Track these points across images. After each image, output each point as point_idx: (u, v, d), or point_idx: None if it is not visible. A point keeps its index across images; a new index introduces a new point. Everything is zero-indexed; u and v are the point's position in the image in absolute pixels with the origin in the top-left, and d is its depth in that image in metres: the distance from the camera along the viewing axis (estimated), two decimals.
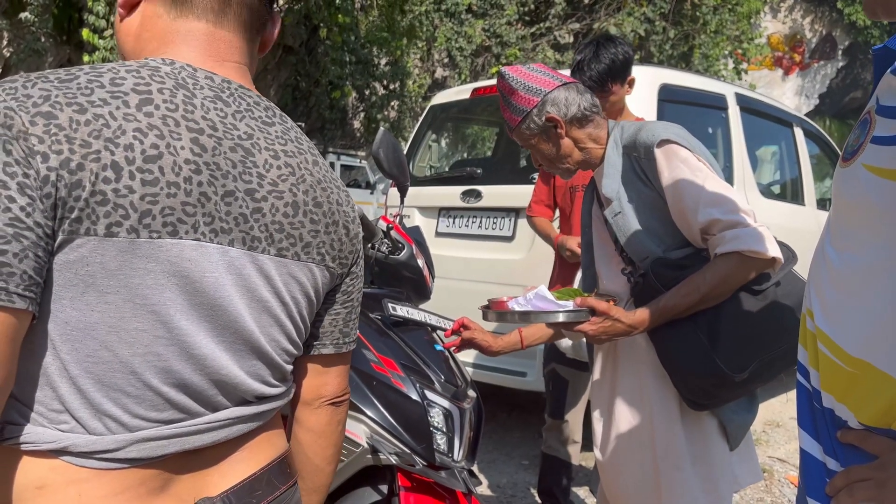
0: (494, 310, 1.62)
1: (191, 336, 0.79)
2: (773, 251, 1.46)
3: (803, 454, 0.87)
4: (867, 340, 0.77)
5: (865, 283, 0.77)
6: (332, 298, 0.99)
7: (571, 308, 1.54)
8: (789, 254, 1.61)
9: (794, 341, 1.51)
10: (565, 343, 2.49)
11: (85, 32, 6.59)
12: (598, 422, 1.78)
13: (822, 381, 0.83)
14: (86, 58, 6.83)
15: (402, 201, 2.15)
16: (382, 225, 2.04)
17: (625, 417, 1.68)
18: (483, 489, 3.19)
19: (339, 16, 8.66)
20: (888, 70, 0.74)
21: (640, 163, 1.60)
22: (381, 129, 2.02)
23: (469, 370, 3.14)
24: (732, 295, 1.51)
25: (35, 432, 0.73)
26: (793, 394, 0.91)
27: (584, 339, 2.37)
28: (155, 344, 0.76)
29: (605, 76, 2.34)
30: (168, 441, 0.79)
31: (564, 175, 1.75)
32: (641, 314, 1.52)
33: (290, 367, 0.95)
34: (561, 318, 1.55)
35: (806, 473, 0.87)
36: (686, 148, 1.55)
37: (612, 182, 1.64)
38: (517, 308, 1.58)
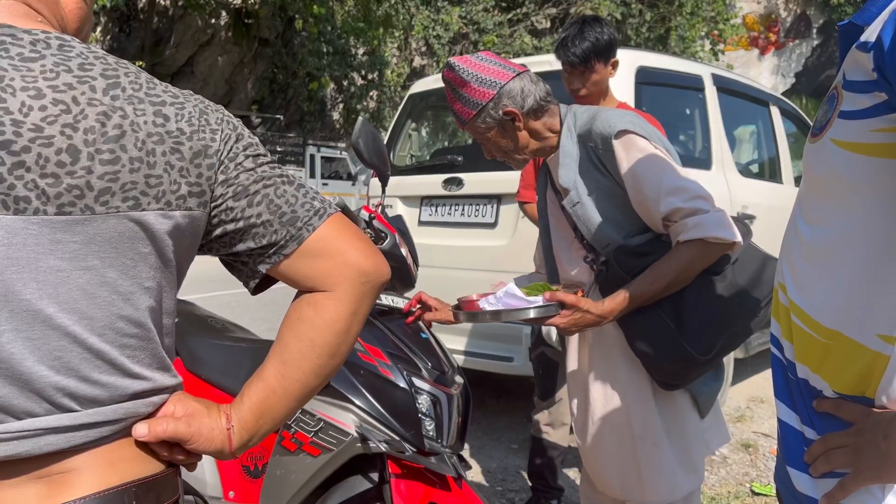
0: (466, 311, 1.65)
1: None
2: (734, 236, 1.50)
3: (781, 424, 0.89)
4: (840, 311, 0.79)
5: (837, 255, 0.79)
6: (225, 225, 0.81)
7: (541, 304, 1.56)
8: (745, 229, 1.64)
9: (752, 315, 1.57)
10: (553, 335, 2.51)
11: None
12: (576, 410, 1.82)
13: (796, 353, 0.85)
14: None
15: (383, 191, 2.15)
16: (364, 215, 2.03)
17: (600, 402, 1.71)
18: (473, 474, 3.21)
19: (315, 6, 8.59)
20: (853, 45, 0.76)
21: (596, 153, 1.61)
22: (360, 118, 2.01)
23: (456, 357, 3.15)
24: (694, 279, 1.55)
25: None
26: None
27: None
28: None
29: (588, 53, 2.36)
30: None
31: (518, 165, 1.75)
32: (610, 304, 1.55)
33: (134, 354, 0.75)
34: (532, 314, 1.57)
35: (784, 443, 0.89)
36: (643, 137, 1.57)
37: (568, 172, 1.65)
38: (488, 307, 1.61)
